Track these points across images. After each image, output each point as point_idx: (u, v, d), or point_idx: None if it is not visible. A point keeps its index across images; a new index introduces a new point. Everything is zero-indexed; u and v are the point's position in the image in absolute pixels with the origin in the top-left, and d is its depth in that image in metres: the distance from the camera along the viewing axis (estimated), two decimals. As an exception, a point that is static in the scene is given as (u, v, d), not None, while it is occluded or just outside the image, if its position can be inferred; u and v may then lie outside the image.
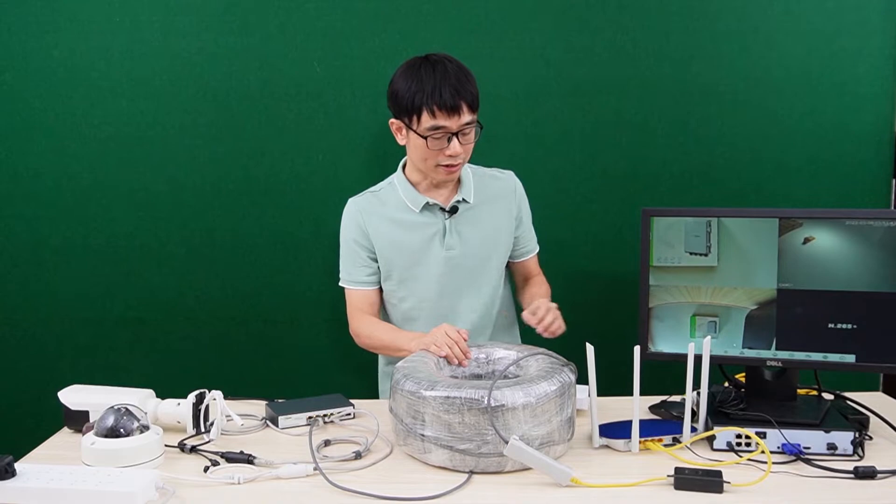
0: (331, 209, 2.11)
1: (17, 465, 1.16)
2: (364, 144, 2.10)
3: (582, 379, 1.40)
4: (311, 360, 2.16)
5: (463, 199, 1.78)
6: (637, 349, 1.34)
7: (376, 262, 1.80)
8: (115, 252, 2.12)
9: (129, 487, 1.12)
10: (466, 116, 1.64)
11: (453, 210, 1.77)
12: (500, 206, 1.83)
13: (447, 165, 1.69)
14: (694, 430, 1.38)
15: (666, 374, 1.65)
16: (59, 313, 2.14)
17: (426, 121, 1.63)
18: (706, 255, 1.44)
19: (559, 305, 1.88)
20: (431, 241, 1.77)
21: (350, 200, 1.84)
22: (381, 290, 1.85)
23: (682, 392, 1.37)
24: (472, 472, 1.26)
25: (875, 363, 1.38)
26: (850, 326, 1.38)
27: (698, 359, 1.34)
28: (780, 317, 1.41)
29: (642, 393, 1.36)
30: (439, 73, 1.64)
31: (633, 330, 1.54)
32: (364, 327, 1.80)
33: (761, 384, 1.45)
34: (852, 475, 1.24)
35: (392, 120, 1.72)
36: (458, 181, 1.80)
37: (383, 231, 1.78)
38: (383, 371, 1.94)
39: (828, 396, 1.52)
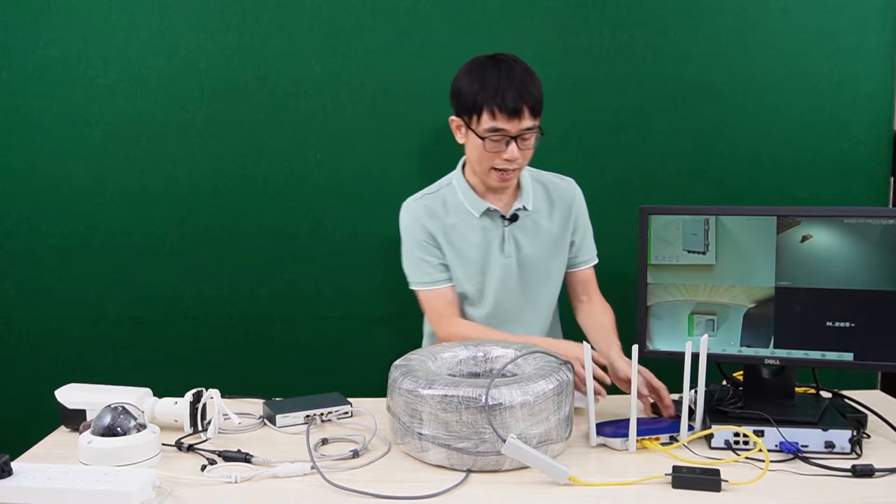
0: (329, 207, 2.12)
1: (13, 464, 1.16)
2: (362, 142, 2.09)
3: (580, 377, 1.40)
4: (309, 358, 2.16)
5: (523, 207, 1.74)
6: (635, 348, 1.34)
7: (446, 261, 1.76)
8: (112, 250, 2.11)
9: (126, 486, 1.12)
10: (527, 121, 1.61)
11: (513, 218, 1.73)
12: (557, 213, 1.79)
13: (502, 170, 1.65)
14: (691, 428, 1.38)
15: (664, 372, 1.65)
16: (56, 312, 2.13)
17: (486, 121, 1.60)
18: (704, 253, 1.43)
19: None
20: (490, 247, 1.74)
21: (409, 202, 1.78)
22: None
23: (680, 390, 1.37)
24: (469, 471, 1.26)
25: (873, 361, 1.38)
26: (848, 324, 1.38)
27: (696, 357, 1.34)
28: (778, 315, 1.41)
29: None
30: (504, 73, 1.60)
31: (631, 328, 1.54)
32: (465, 329, 1.68)
33: (759, 382, 1.45)
34: (850, 473, 1.24)
35: (452, 117, 1.70)
36: (519, 187, 1.76)
37: (444, 235, 1.74)
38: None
39: (826, 395, 1.52)
